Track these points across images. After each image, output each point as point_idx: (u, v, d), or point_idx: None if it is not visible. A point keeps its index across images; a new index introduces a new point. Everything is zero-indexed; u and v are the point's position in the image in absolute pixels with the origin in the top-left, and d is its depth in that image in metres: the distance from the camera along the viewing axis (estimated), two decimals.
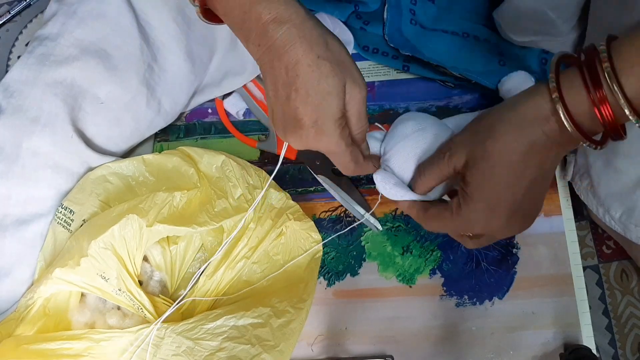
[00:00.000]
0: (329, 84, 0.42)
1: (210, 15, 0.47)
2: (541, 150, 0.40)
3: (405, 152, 0.49)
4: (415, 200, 0.49)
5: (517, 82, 0.60)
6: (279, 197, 0.60)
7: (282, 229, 0.59)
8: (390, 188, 0.49)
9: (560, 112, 0.37)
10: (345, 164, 0.48)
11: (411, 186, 0.49)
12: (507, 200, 0.42)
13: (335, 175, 0.65)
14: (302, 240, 0.60)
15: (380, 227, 0.63)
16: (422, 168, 0.47)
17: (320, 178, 0.65)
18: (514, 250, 0.62)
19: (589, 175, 0.59)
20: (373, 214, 0.64)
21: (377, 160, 0.51)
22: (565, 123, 0.37)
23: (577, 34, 0.64)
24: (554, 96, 0.37)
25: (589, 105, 0.36)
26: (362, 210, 0.63)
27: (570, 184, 0.63)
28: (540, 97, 0.39)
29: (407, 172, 0.49)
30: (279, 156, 0.66)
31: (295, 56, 0.41)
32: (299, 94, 0.42)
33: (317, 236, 0.61)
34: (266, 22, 0.41)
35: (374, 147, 0.52)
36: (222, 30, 0.65)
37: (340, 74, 0.42)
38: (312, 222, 0.60)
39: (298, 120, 0.43)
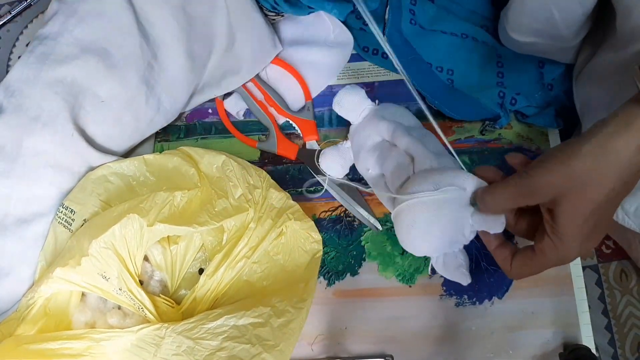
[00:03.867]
0: None
1: None
2: (632, 180, 0.40)
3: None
4: (501, 244, 0.48)
5: (352, 98, 0.60)
6: (279, 197, 0.60)
7: (282, 229, 0.59)
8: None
9: None
10: None
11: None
12: (601, 231, 0.43)
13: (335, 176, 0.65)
14: (302, 240, 0.60)
15: (380, 227, 0.63)
16: (491, 198, 0.46)
17: (320, 178, 0.65)
18: None
19: None
20: (373, 214, 0.64)
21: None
22: None
23: (578, 43, 0.63)
24: None
25: None
26: (362, 211, 0.63)
27: None
28: (633, 133, 0.39)
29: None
30: (279, 156, 0.67)
31: None
32: None
33: (317, 236, 0.61)
34: None
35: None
36: (220, 28, 0.65)
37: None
38: (312, 222, 0.60)
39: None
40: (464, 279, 0.51)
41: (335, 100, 0.61)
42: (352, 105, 0.60)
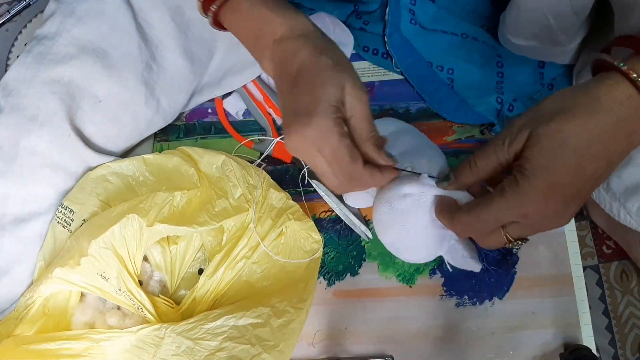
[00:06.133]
0: (328, 76, 0.42)
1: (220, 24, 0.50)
2: (612, 138, 0.38)
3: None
4: (442, 199, 0.47)
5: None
6: (279, 197, 0.60)
7: (282, 229, 0.59)
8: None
9: None
10: (339, 163, 0.42)
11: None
12: (570, 184, 0.39)
13: None
14: (302, 240, 0.60)
15: (370, 236, 0.62)
16: (471, 160, 0.44)
17: (313, 182, 0.64)
18: (514, 250, 0.62)
19: None
20: (364, 221, 0.63)
21: (391, 171, 0.46)
22: None
23: (576, 46, 0.64)
24: (633, 76, 0.36)
25: None
26: (352, 217, 0.62)
27: None
28: (614, 82, 0.37)
29: None
30: (276, 158, 0.67)
31: (301, 57, 0.43)
32: (300, 86, 0.43)
33: (317, 236, 0.60)
34: (280, 38, 0.44)
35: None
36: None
37: (340, 72, 0.43)
38: (312, 222, 0.60)
39: (295, 111, 0.43)
40: (475, 267, 0.50)
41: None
42: None
